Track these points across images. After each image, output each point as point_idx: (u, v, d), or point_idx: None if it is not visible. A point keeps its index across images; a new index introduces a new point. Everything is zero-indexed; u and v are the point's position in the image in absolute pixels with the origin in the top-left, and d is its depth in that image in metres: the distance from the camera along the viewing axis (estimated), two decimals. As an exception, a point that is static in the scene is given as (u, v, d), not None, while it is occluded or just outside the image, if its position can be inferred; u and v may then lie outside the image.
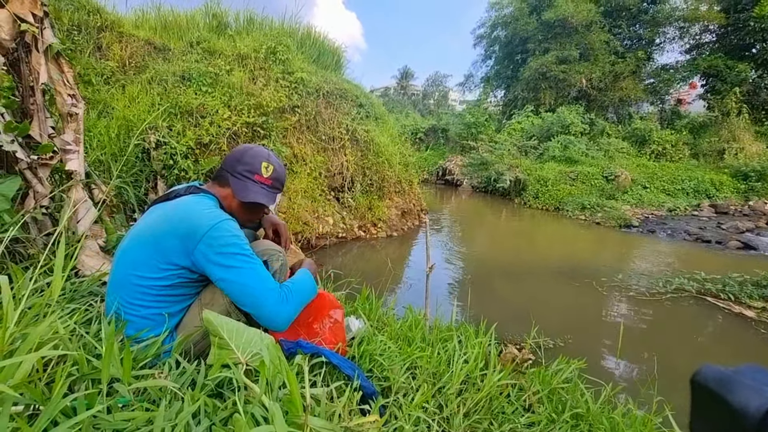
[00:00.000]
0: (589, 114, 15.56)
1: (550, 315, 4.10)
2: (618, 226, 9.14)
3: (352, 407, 0.95)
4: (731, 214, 10.79)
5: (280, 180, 1.34)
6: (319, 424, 0.67)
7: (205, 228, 1.05)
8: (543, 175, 12.31)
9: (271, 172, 1.28)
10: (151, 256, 1.07)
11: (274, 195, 1.31)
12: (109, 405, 0.74)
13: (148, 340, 1.06)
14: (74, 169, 1.83)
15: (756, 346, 3.62)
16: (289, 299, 1.15)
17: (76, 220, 1.84)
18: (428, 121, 21.44)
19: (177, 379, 0.93)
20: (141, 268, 1.08)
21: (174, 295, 1.11)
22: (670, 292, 4.80)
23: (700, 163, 13.61)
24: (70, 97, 1.90)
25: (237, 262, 1.05)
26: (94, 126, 4.57)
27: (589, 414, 1.67)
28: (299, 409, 0.66)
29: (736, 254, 7.05)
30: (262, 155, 1.29)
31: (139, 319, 1.07)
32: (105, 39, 6.22)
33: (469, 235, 8.13)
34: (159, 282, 1.08)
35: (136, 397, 0.84)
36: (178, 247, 1.04)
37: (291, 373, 0.67)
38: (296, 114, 6.07)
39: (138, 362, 0.98)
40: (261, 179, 1.26)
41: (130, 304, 1.08)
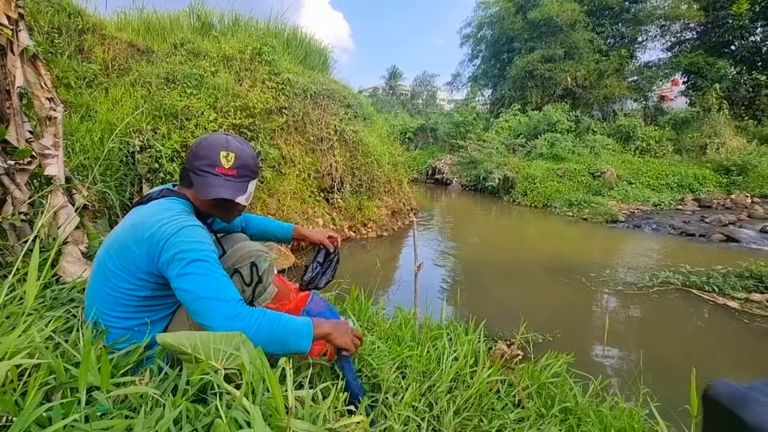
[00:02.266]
0: (575, 112, 15.78)
1: (539, 311, 4.15)
2: (605, 222, 9.28)
3: (338, 408, 0.94)
4: (714, 207, 11.03)
5: (247, 167, 1.17)
6: (302, 426, 0.66)
7: (166, 236, 0.99)
8: (531, 173, 12.43)
9: (233, 160, 1.14)
10: (121, 266, 1.03)
11: (244, 184, 1.16)
12: (87, 414, 0.72)
13: (130, 346, 1.04)
14: (54, 174, 1.79)
15: (740, 336, 3.71)
16: (251, 319, 0.96)
17: (56, 225, 1.80)
18: (417, 120, 21.51)
19: (159, 386, 0.91)
20: (114, 278, 1.04)
21: (155, 304, 1.08)
22: (656, 285, 4.89)
23: (683, 159, 13.89)
24: (48, 100, 1.85)
25: (192, 268, 0.96)
26: (77, 130, 4.48)
27: (577, 408, 1.69)
28: (282, 413, 0.65)
29: (720, 247, 7.20)
30: (219, 144, 1.15)
31: (119, 331, 1.05)
32: (87, 42, 6.11)
33: (459, 233, 8.17)
34: (135, 293, 1.04)
35: (117, 405, 0.83)
36: (145, 256, 1.00)
37: (272, 376, 0.66)
38: (284, 115, 6.03)
39: (120, 369, 0.96)
40: (223, 171, 1.13)
41: (108, 316, 1.05)
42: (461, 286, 4.78)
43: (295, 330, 1.03)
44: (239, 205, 1.18)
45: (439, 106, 35.80)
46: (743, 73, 16.03)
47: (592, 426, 1.54)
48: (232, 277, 1.20)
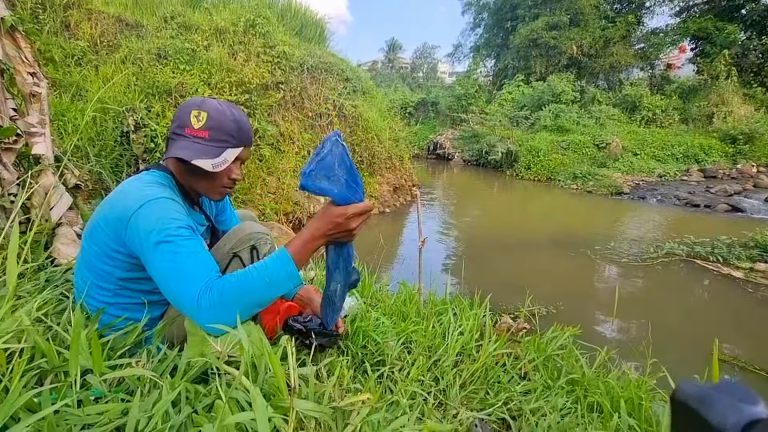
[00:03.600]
0: (580, 82, 15.38)
1: (544, 284, 4.14)
2: (609, 194, 9.19)
3: (344, 385, 0.92)
4: (720, 177, 10.89)
5: (223, 129, 1.02)
6: (305, 406, 0.63)
7: (128, 214, 0.90)
8: (535, 146, 12.23)
9: (204, 120, 1.01)
10: (95, 246, 0.97)
11: (215, 149, 1.01)
12: (81, 398, 0.69)
13: (126, 327, 1.01)
14: (42, 153, 1.72)
15: (744, 305, 3.70)
16: (216, 302, 0.83)
17: (48, 206, 1.75)
18: (418, 94, 21.04)
19: (158, 367, 0.88)
20: (90, 258, 0.99)
21: (135, 288, 1.02)
22: (661, 257, 4.86)
23: (689, 128, 13.62)
24: (31, 75, 1.77)
25: (155, 254, 0.88)
26: (68, 110, 4.38)
27: (584, 379, 1.68)
28: (284, 392, 0.62)
29: (725, 217, 7.14)
30: (192, 104, 1.03)
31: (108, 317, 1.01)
32: (73, 17, 5.89)
33: (462, 208, 8.12)
34: (112, 273, 0.98)
35: (114, 388, 0.80)
36: (113, 235, 0.93)
37: (273, 355, 0.62)
38: (281, 90, 5.87)
39: (117, 350, 0.93)
40: (192, 132, 1.01)
41: (91, 298, 1.01)
42: (465, 261, 4.77)
43: (271, 279, 0.85)
44: (216, 175, 1.05)
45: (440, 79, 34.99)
46: (753, 38, 15.47)
47: (599, 397, 1.53)
48: (231, 263, 1.14)
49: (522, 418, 1.42)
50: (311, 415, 0.65)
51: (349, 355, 1.44)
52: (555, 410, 1.44)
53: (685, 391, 0.29)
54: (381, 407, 1.11)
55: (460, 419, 1.35)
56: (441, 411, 1.40)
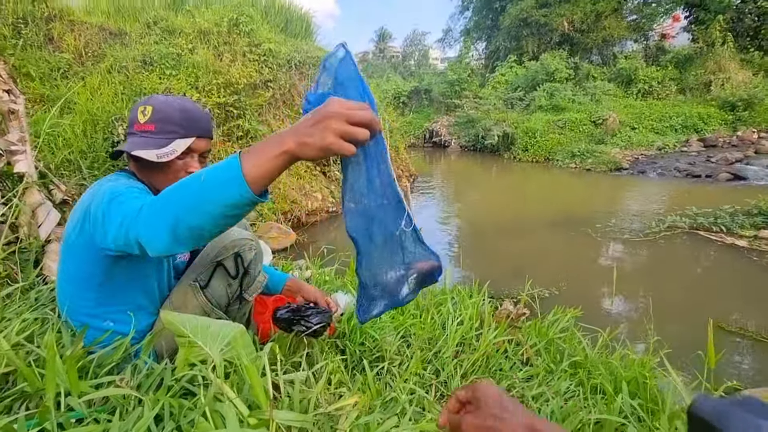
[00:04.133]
0: (573, 58, 15.16)
1: (545, 266, 4.12)
2: (609, 171, 9.11)
3: (332, 389, 0.90)
4: (720, 146, 10.78)
5: (169, 120, 1.00)
6: (285, 417, 0.61)
7: (88, 199, 0.92)
8: (531, 127, 12.12)
9: (149, 114, 1.00)
10: (69, 255, 0.97)
11: (162, 140, 0.99)
12: (61, 421, 0.68)
13: (114, 342, 0.99)
14: (24, 171, 1.70)
15: (749, 273, 3.68)
16: (153, 203, 0.73)
17: (36, 224, 1.73)
18: (410, 83, 20.81)
19: (144, 382, 0.87)
20: (68, 269, 0.98)
21: (119, 295, 1.00)
22: (663, 230, 4.82)
23: (687, 98, 13.45)
24: (6, 92, 1.74)
25: (110, 202, 0.85)
26: (57, 124, 4.35)
27: (587, 361, 1.66)
28: (264, 404, 0.60)
29: (727, 186, 7.07)
30: (140, 102, 1.05)
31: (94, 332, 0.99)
32: (55, 29, 5.83)
33: (460, 195, 8.08)
34: (91, 276, 0.96)
35: (99, 407, 0.78)
36: (80, 230, 0.92)
37: (249, 366, 0.61)
38: (269, 89, 5.81)
39: (104, 367, 0.92)
40: (140, 127, 1.01)
41: (75, 312, 1.00)
42: (464, 249, 4.75)
43: (207, 178, 0.67)
44: (169, 169, 1.00)
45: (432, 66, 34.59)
46: (748, 1, 15.15)
47: (602, 378, 1.52)
48: (215, 271, 1.12)
49: (524, 403, 1.41)
50: (293, 425, 0.64)
51: (347, 353, 1.43)
52: (558, 395, 1.43)
53: (702, 405, 0.28)
54: (377, 406, 1.10)
55: (462, 411, 1.34)
56: (442, 403, 1.39)
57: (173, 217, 0.68)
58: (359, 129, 0.63)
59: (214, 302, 1.11)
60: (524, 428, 0.47)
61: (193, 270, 1.12)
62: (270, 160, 0.64)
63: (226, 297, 1.14)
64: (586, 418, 1.27)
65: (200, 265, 1.11)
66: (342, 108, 0.62)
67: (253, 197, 0.66)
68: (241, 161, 0.65)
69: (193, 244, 0.73)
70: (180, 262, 1.19)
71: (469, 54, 19.84)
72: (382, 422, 0.78)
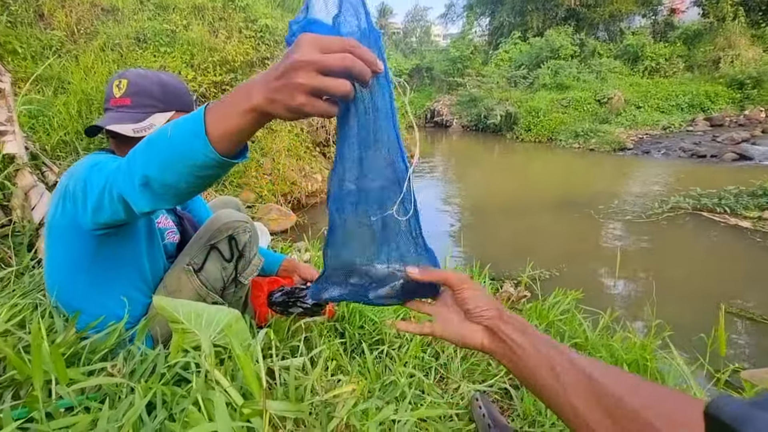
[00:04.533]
0: (579, 35, 14.74)
1: (546, 247, 4.10)
2: (612, 151, 8.99)
3: (328, 376, 0.88)
4: (726, 125, 10.60)
5: (146, 94, 0.97)
6: (279, 407, 0.59)
7: (66, 176, 0.88)
8: (534, 106, 11.91)
9: (125, 88, 0.96)
10: (53, 232, 0.94)
11: (138, 114, 0.95)
12: (50, 410, 0.66)
13: (108, 327, 0.97)
14: (14, 152, 1.66)
15: (752, 255, 3.65)
16: (127, 157, 0.68)
17: (30, 207, 1.70)
18: (411, 61, 20.37)
19: (138, 368, 0.85)
20: (55, 251, 0.95)
21: (107, 277, 0.97)
22: (666, 211, 4.78)
23: (694, 76, 13.14)
24: (-9, 69, 1.67)
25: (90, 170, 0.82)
26: (52, 104, 4.26)
27: (587, 343, 1.65)
28: (256, 393, 0.58)
29: (732, 166, 6.98)
30: (115, 75, 1.00)
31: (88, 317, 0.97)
32: (46, 6, 5.63)
33: (461, 176, 8.00)
34: (77, 258, 0.93)
35: (92, 394, 0.77)
36: (61, 210, 0.88)
37: (242, 354, 0.58)
38: (266, 66, 5.65)
39: (97, 353, 0.90)
40: (116, 102, 0.97)
41: (64, 298, 0.97)
42: (465, 230, 4.72)
43: (173, 132, 0.59)
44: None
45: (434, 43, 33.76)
46: (763, -28, 14.60)
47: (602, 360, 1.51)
48: (210, 255, 1.09)
49: (524, 388, 1.41)
50: (288, 415, 0.62)
51: (347, 336, 1.42)
52: (558, 377, 1.42)
53: (720, 406, 0.27)
54: (376, 389, 1.09)
55: (462, 393, 1.33)
56: (442, 385, 1.39)
57: (145, 175, 0.62)
58: (335, 82, 0.47)
59: (209, 286, 1.09)
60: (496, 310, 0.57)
61: (186, 253, 1.09)
62: (237, 117, 0.52)
63: (221, 280, 1.11)
64: (586, 400, 1.27)
65: (194, 248, 1.08)
66: (312, 53, 0.46)
67: (219, 158, 0.55)
68: (205, 115, 0.55)
69: (177, 201, 0.67)
70: (169, 243, 1.16)
71: (472, 30, 19.34)
72: (380, 409, 0.77)
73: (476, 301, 0.58)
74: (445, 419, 1.24)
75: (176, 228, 1.21)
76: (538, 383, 0.48)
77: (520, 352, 0.51)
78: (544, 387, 0.47)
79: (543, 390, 0.48)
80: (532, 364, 0.49)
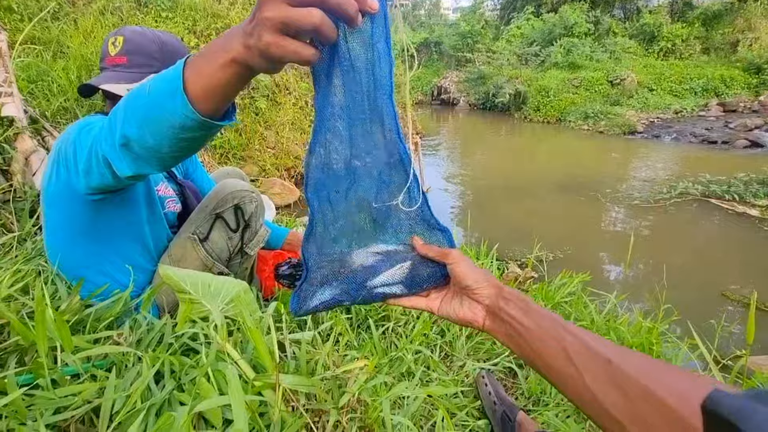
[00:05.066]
0: (594, 11, 14.21)
1: (552, 229, 4.07)
2: (622, 134, 8.83)
3: (340, 351, 0.87)
4: (740, 111, 10.35)
5: (143, 53, 0.92)
6: (292, 381, 0.57)
7: (59, 140, 0.84)
8: (545, 85, 11.61)
9: (120, 46, 0.91)
10: (48, 199, 0.91)
11: (135, 74, 0.91)
12: (55, 377, 0.65)
13: (113, 295, 0.95)
14: (13, 115, 1.60)
15: (759, 244, 3.62)
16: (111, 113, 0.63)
17: (31, 172, 1.66)
18: (420, 34, 19.74)
19: (145, 337, 0.83)
20: (53, 219, 0.92)
21: (104, 244, 0.95)
22: (673, 197, 4.72)
23: (710, 58, 12.74)
24: (-13, 26, 1.60)
25: (79, 133, 0.79)
26: (51, 69, 4.15)
27: (593, 326, 1.65)
28: (269, 367, 0.56)
29: (743, 153, 6.85)
30: (112, 33, 0.96)
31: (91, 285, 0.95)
32: (42, -36, 5.41)
33: (467, 155, 7.89)
34: (72, 224, 0.91)
35: (98, 362, 0.75)
36: (55, 176, 0.85)
37: (254, 329, 0.56)
38: (272, 36, 5.49)
39: (102, 321, 0.89)
40: (111, 61, 0.93)
41: (72, 267, 0.95)
42: (471, 210, 4.68)
43: (151, 88, 0.53)
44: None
45: (443, 17, 32.70)
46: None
47: (608, 343, 1.50)
48: (215, 224, 1.06)
49: (529, 368, 1.41)
50: (300, 390, 0.60)
51: (353, 312, 1.41)
52: (563, 358, 1.42)
53: (717, 399, 0.27)
54: (384, 365, 1.08)
55: (467, 371, 1.33)
56: (447, 363, 1.39)
57: (124, 135, 0.57)
58: (306, 12, 0.38)
59: (214, 255, 1.07)
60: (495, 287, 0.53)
61: (191, 222, 1.06)
62: (217, 71, 0.45)
63: (227, 250, 1.09)
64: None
65: (199, 217, 1.05)
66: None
67: (200, 119, 0.49)
68: (184, 70, 0.49)
69: (161, 165, 0.62)
70: (170, 213, 1.13)
71: (484, 4, 18.65)
72: (390, 386, 0.75)
73: (474, 276, 0.54)
74: (451, 396, 1.25)
75: (177, 197, 1.18)
76: (546, 365, 0.45)
77: (524, 333, 0.48)
78: (552, 368, 0.45)
79: (551, 371, 0.45)
80: (538, 345, 0.46)
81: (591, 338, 0.44)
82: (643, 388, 0.36)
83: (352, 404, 0.69)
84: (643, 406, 0.36)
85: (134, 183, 0.85)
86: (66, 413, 0.58)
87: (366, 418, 0.68)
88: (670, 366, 0.39)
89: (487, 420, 1.15)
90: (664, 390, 0.35)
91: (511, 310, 0.50)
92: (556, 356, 0.44)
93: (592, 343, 0.43)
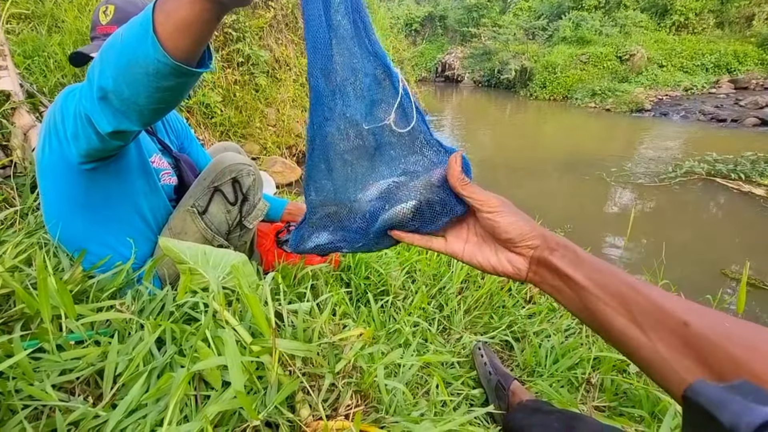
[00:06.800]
0: (606, -17, 13.71)
1: (555, 207, 4.06)
2: (629, 112, 8.66)
3: (337, 320, 0.89)
4: (752, 88, 10.09)
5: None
6: (289, 346, 0.59)
7: (48, 113, 0.84)
8: (551, 61, 11.33)
9: (112, 14, 0.91)
10: (43, 172, 0.90)
11: None
12: (60, 343, 0.67)
13: (115, 267, 0.97)
14: (9, 89, 1.59)
15: (762, 223, 3.60)
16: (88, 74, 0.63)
17: (30, 147, 1.66)
18: (424, 8, 19.17)
19: (147, 307, 0.85)
20: (49, 192, 0.92)
21: (104, 214, 0.95)
22: (679, 176, 4.67)
23: (724, 33, 12.33)
24: (-21, -3, 1.57)
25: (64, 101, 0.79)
26: (47, 44, 4.09)
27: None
28: (266, 332, 0.58)
29: (753, 131, 6.72)
30: (103, 1, 0.94)
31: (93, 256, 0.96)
32: (33, -68, 5.24)
33: (471, 133, 7.79)
34: (69, 193, 0.91)
35: (100, 329, 0.77)
36: (48, 148, 0.85)
37: (251, 295, 0.57)
38: (270, 9, 5.34)
39: (105, 292, 0.91)
40: (103, 30, 0.92)
41: (72, 239, 0.96)
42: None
43: (125, 31, 0.53)
44: None
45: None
46: None
47: (604, 318, 1.53)
48: (213, 197, 1.06)
49: (525, 339, 1.43)
50: (297, 354, 0.62)
51: (352, 286, 1.43)
52: (559, 332, 1.44)
53: (697, 389, 0.28)
54: (381, 336, 1.11)
55: (463, 343, 1.36)
56: (445, 335, 1.42)
57: (101, 86, 0.56)
58: None
59: (213, 228, 1.08)
60: (541, 237, 0.45)
61: (191, 195, 1.07)
62: (185, 6, 0.44)
63: (226, 224, 1.10)
64: (586, 354, 1.29)
65: (197, 190, 1.06)
66: None
67: (173, 63, 0.48)
68: (154, 12, 0.47)
69: (141, 120, 0.60)
70: (166, 185, 1.13)
71: (491, -25, 17.99)
72: (386, 353, 0.77)
73: (519, 228, 0.46)
74: (447, 366, 1.28)
75: (173, 170, 1.18)
76: (605, 325, 0.40)
77: (576, 288, 0.41)
78: (612, 329, 0.39)
79: (612, 333, 0.40)
80: (594, 303, 0.40)
81: (660, 295, 0.38)
82: (731, 358, 0.31)
83: (348, 370, 0.71)
84: (732, 380, 0.30)
85: (122, 146, 0.83)
86: (71, 375, 0.60)
87: (361, 383, 0.70)
88: (762, 330, 0.33)
89: (482, 389, 1.18)
90: (762, 363, 0.30)
91: (561, 265, 0.43)
92: (616, 316, 0.39)
93: (661, 300, 0.37)
